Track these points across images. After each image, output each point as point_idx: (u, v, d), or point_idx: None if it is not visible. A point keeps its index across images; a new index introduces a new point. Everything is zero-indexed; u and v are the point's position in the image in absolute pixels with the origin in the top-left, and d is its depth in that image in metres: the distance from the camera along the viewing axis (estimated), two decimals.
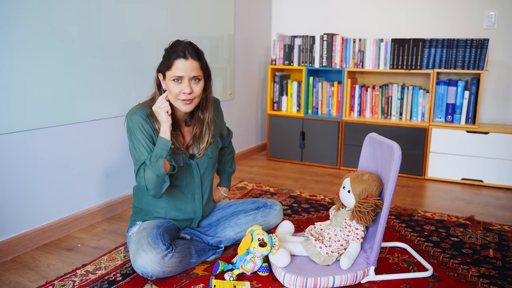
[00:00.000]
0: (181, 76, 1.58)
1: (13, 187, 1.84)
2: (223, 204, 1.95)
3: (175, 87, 1.59)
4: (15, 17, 1.76)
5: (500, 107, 3.17)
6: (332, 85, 3.40)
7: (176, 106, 1.64)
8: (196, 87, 1.62)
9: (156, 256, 1.51)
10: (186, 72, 1.58)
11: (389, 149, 1.63)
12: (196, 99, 1.64)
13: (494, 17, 3.10)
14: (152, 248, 1.52)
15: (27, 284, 1.61)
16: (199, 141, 1.74)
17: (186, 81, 1.59)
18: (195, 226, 1.84)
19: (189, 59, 1.59)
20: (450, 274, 1.70)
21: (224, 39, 3.21)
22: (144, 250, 1.52)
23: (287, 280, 1.56)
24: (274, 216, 1.92)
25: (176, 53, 1.58)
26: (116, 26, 2.25)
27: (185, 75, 1.58)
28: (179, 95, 1.60)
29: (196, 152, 1.75)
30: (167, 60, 1.61)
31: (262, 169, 3.33)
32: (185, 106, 1.62)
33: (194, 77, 1.61)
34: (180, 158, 1.70)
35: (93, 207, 2.22)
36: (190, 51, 1.60)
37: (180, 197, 1.76)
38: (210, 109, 1.74)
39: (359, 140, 3.26)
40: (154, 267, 1.52)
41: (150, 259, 1.51)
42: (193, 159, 1.75)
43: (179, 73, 1.58)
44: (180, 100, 1.61)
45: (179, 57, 1.58)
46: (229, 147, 2.06)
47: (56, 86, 1.96)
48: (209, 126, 1.74)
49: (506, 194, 2.80)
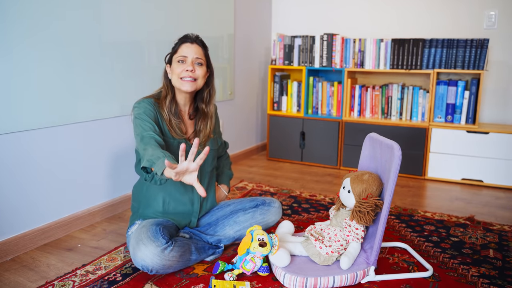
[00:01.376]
0: (185, 55, 1.71)
1: (13, 187, 1.84)
2: (222, 204, 1.95)
3: (179, 66, 1.71)
4: (14, 16, 1.76)
5: (500, 107, 3.17)
6: (332, 85, 3.40)
7: (179, 88, 1.73)
8: (199, 69, 1.73)
9: (156, 249, 1.52)
10: (190, 53, 1.71)
11: (389, 149, 1.63)
12: (199, 80, 1.74)
13: (494, 17, 3.10)
14: (152, 242, 1.53)
15: (27, 284, 1.61)
16: (201, 132, 1.82)
17: (190, 61, 1.71)
18: (194, 224, 1.84)
19: (194, 43, 1.74)
20: (450, 274, 1.70)
21: (224, 39, 3.21)
22: (144, 244, 1.53)
23: (287, 280, 1.56)
24: (273, 214, 1.92)
25: (184, 39, 1.75)
26: (116, 26, 2.25)
27: (189, 55, 1.71)
28: (181, 73, 1.70)
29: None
30: (174, 47, 1.76)
31: (262, 169, 3.33)
32: (185, 84, 1.71)
33: (197, 59, 1.73)
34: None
35: (93, 207, 2.22)
36: (195, 38, 1.76)
37: (178, 187, 1.77)
38: (213, 104, 1.86)
39: (359, 140, 3.26)
40: (154, 260, 1.52)
41: (150, 252, 1.51)
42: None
43: (183, 53, 1.71)
44: (183, 79, 1.71)
45: (185, 41, 1.74)
46: (225, 155, 2.10)
47: (56, 86, 1.96)
48: (212, 119, 1.84)
49: (506, 194, 2.80)
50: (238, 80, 3.50)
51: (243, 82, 3.58)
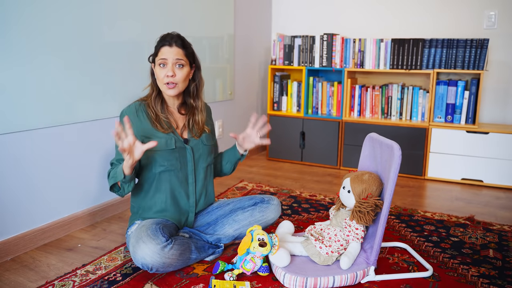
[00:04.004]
0: (165, 58, 1.72)
1: (13, 187, 1.84)
2: (221, 203, 1.95)
3: (160, 71, 1.74)
4: (14, 16, 1.76)
5: (500, 107, 3.17)
6: (332, 85, 3.40)
7: (163, 91, 1.78)
8: (179, 72, 1.74)
9: (156, 247, 1.52)
10: (170, 55, 1.72)
11: (389, 149, 1.63)
12: (180, 84, 1.76)
13: (494, 17, 3.10)
14: (152, 239, 1.53)
15: (27, 284, 1.61)
16: (193, 126, 1.85)
17: (170, 64, 1.72)
18: (192, 220, 1.85)
19: (174, 46, 1.74)
20: (450, 274, 1.70)
21: (224, 39, 3.21)
22: (144, 242, 1.53)
23: (287, 280, 1.56)
24: (272, 211, 1.92)
25: (163, 42, 1.75)
26: (116, 26, 2.25)
27: (169, 58, 1.72)
28: (163, 79, 1.73)
29: (190, 136, 1.84)
30: (155, 48, 1.77)
31: (262, 169, 3.33)
32: (168, 90, 1.75)
33: (178, 62, 1.73)
34: (172, 141, 1.77)
35: (93, 207, 2.22)
36: (175, 39, 1.75)
37: (174, 181, 1.78)
38: (201, 98, 1.88)
39: (359, 140, 3.26)
40: (154, 258, 1.52)
41: (150, 250, 1.51)
42: (188, 144, 1.82)
43: (163, 56, 1.73)
44: (165, 84, 1.74)
45: (164, 44, 1.74)
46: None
47: (56, 86, 1.96)
48: (202, 112, 1.87)
49: (506, 194, 2.80)
50: (238, 80, 3.50)
51: (243, 82, 3.58)
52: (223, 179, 2.96)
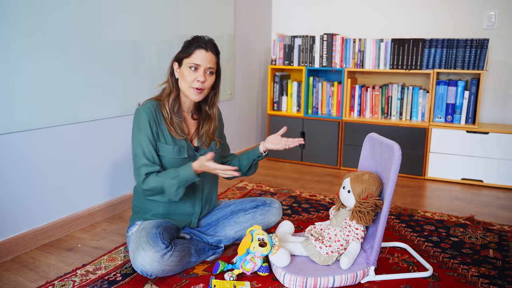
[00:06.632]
0: (198, 64, 1.69)
1: (13, 187, 1.84)
2: (222, 204, 1.95)
3: (190, 74, 1.69)
4: (15, 16, 1.76)
5: (500, 107, 3.17)
6: (332, 85, 3.40)
7: (186, 94, 1.73)
8: (209, 79, 1.73)
9: (155, 255, 1.52)
10: (204, 62, 1.69)
11: (389, 149, 1.63)
12: (206, 90, 1.74)
13: (494, 17, 3.10)
14: (152, 247, 1.52)
15: (27, 284, 1.61)
16: (204, 133, 1.82)
17: (202, 70, 1.69)
18: (195, 225, 1.84)
19: (209, 51, 1.71)
20: (450, 274, 1.70)
21: (224, 39, 3.21)
22: (143, 249, 1.53)
23: (287, 280, 1.56)
24: (273, 214, 1.92)
25: (198, 43, 1.70)
26: (116, 26, 2.25)
27: (202, 64, 1.69)
28: (192, 83, 1.69)
29: (200, 144, 1.81)
30: (187, 48, 1.72)
31: (262, 169, 3.33)
32: (196, 95, 1.71)
33: (210, 69, 1.71)
34: (185, 149, 1.74)
35: (93, 207, 2.22)
36: (210, 45, 1.73)
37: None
38: (216, 107, 1.86)
39: (359, 140, 3.26)
40: (153, 266, 1.52)
41: (149, 258, 1.51)
42: (198, 152, 1.79)
43: (197, 61, 1.69)
44: (193, 88, 1.70)
45: (200, 47, 1.70)
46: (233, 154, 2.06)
47: (56, 86, 1.96)
48: (215, 121, 1.84)
49: (506, 194, 2.80)
50: (238, 80, 3.50)
51: (243, 82, 3.58)
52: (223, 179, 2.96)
